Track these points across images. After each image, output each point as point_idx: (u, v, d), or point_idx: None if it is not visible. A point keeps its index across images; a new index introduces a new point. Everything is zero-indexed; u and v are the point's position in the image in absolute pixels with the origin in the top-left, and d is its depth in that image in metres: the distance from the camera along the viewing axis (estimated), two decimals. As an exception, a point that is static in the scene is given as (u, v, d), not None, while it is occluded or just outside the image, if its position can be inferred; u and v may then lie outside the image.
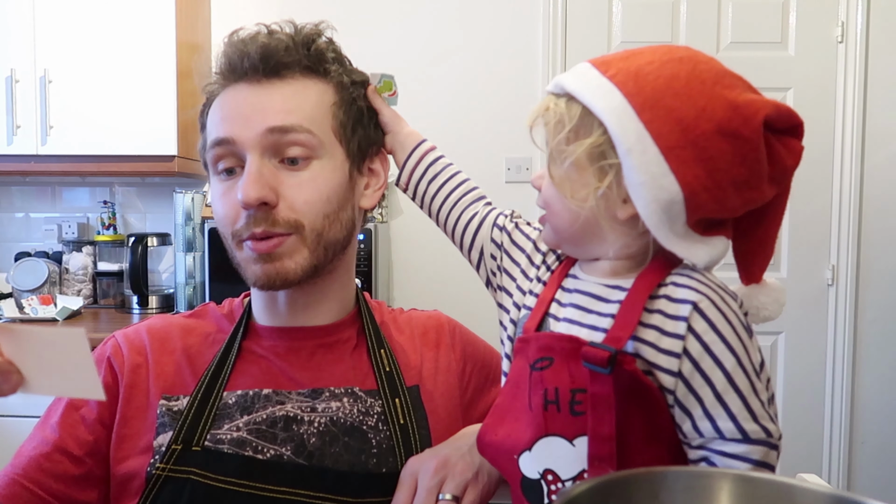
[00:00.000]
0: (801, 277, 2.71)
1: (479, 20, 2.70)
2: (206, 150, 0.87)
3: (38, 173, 2.56)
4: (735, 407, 0.63)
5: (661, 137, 0.62)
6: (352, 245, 0.93)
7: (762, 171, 0.65)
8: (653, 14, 2.68)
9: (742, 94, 0.65)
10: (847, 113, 2.65)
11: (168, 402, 0.85)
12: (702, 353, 0.63)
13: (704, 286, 0.65)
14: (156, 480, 0.79)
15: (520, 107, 2.68)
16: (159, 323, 0.94)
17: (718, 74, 0.65)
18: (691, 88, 0.63)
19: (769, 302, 0.71)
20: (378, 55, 2.73)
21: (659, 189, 0.63)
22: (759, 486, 0.58)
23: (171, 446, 0.80)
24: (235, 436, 0.82)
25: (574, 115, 0.67)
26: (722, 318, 0.64)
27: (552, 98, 0.71)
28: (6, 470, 0.83)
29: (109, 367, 0.88)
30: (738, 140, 0.63)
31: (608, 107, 0.64)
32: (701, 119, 0.62)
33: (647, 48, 0.69)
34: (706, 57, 0.67)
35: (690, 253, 0.66)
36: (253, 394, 0.85)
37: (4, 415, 2.17)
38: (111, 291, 2.74)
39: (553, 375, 0.67)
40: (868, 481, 2.70)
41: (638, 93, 0.63)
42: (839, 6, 2.64)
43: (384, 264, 2.60)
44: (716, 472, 0.61)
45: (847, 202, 2.67)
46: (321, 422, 0.84)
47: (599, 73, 0.67)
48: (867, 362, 2.71)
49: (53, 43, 2.41)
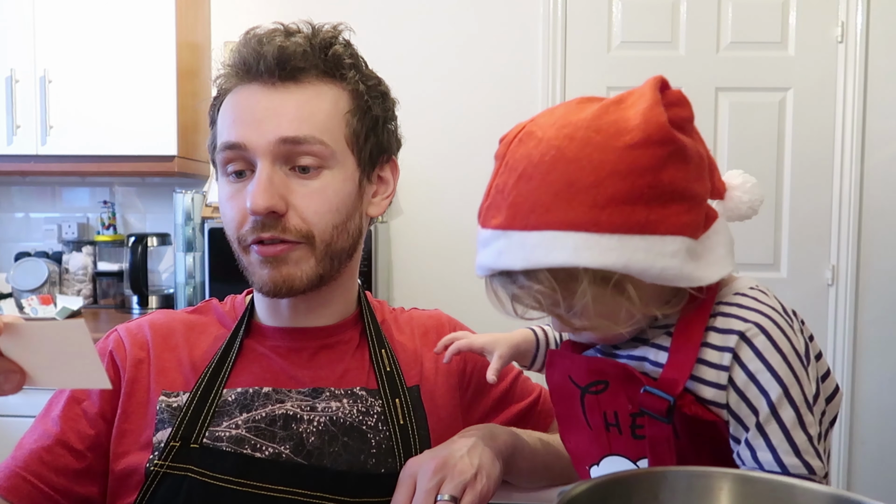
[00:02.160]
0: (801, 277, 2.70)
1: (479, 20, 2.70)
2: (217, 151, 0.86)
3: (38, 173, 2.56)
4: (776, 439, 0.61)
5: (625, 226, 0.58)
6: (357, 251, 0.93)
7: (692, 154, 0.62)
8: (653, 14, 2.68)
9: (612, 120, 0.60)
10: (847, 113, 2.65)
11: (168, 398, 0.85)
12: (747, 382, 0.62)
13: (754, 313, 0.63)
14: (154, 477, 0.80)
15: (520, 107, 2.67)
16: (162, 318, 0.94)
17: (583, 139, 0.59)
18: (585, 172, 0.58)
19: (739, 196, 0.68)
20: (378, 55, 2.72)
21: (659, 255, 0.59)
22: (759, 485, 0.58)
23: (170, 443, 0.81)
24: (234, 433, 0.82)
25: (552, 281, 0.61)
26: (770, 347, 0.61)
27: (510, 286, 0.64)
28: (7, 462, 0.83)
29: (112, 361, 0.88)
30: (657, 152, 0.59)
31: (565, 252, 0.59)
32: (621, 179, 0.58)
33: (508, 168, 0.63)
34: (554, 133, 0.61)
35: (714, 271, 0.63)
36: (253, 392, 0.85)
37: (4, 415, 2.17)
38: (111, 291, 2.74)
39: (610, 399, 0.66)
40: (868, 481, 2.70)
41: (574, 216, 0.58)
42: (839, 6, 2.64)
43: (384, 264, 2.60)
44: (716, 471, 0.61)
45: (847, 202, 2.67)
46: (321, 421, 0.85)
47: (521, 231, 0.60)
48: (867, 362, 2.70)
49: (53, 43, 2.41)
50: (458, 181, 2.67)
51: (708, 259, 0.62)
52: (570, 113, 0.62)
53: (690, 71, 2.66)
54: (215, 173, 0.91)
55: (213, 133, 0.89)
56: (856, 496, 0.54)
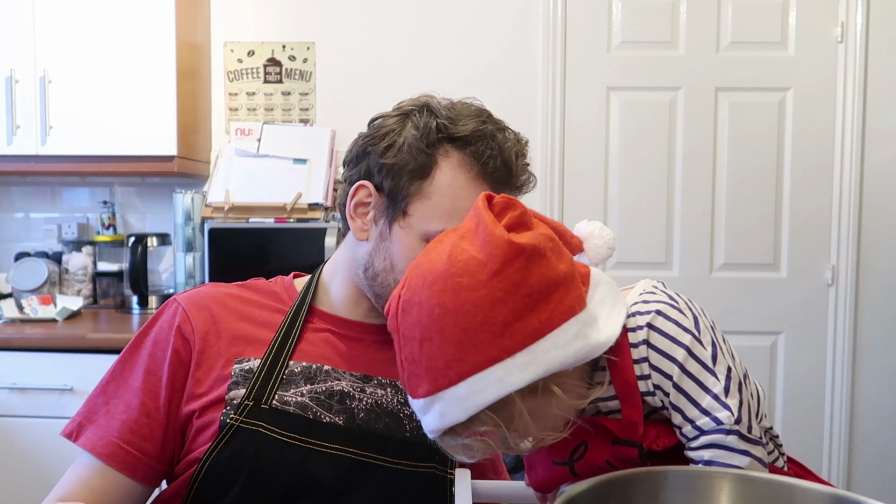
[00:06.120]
0: (801, 277, 2.70)
1: (479, 20, 2.70)
2: (436, 231, 0.89)
3: (37, 173, 2.56)
4: (693, 392, 0.66)
5: (528, 338, 0.62)
6: None
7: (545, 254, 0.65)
8: (653, 14, 2.67)
9: (466, 259, 0.64)
10: (847, 113, 2.65)
11: (240, 364, 0.96)
12: (659, 358, 0.67)
13: (650, 304, 0.68)
14: (229, 429, 0.91)
15: (520, 107, 2.68)
16: (218, 291, 1.04)
17: (454, 288, 0.64)
18: (471, 315, 0.62)
19: (596, 244, 0.73)
20: (378, 56, 2.73)
21: (566, 344, 0.63)
22: (758, 485, 0.58)
23: (244, 402, 0.92)
24: (300, 400, 0.94)
25: (493, 417, 0.64)
26: (668, 322, 0.67)
27: (458, 440, 0.67)
28: (98, 431, 0.94)
29: (181, 335, 0.98)
30: (515, 266, 0.63)
31: (494, 387, 0.62)
32: (502, 305, 0.62)
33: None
34: (428, 294, 0.65)
35: (611, 324, 0.67)
36: (315, 367, 0.97)
37: (4, 415, 2.18)
38: (111, 291, 2.74)
39: (594, 457, 0.70)
40: (868, 481, 2.70)
41: (484, 355, 0.62)
42: (839, 6, 2.64)
43: (384, 264, 2.59)
44: (716, 471, 0.61)
45: (847, 202, 2.67)
46: (368, 401, 0.96)
47: (448, 388, 0.64)
48: (867, 362, 2.70)
49: (53, 43, 2.41)
50: (458, 181, 2.66)
51: (603, 315, 0.67)
52: (431, 267, 0.66)
53: (690, 71, 2.66)
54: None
55: (416, 182, 0.94)
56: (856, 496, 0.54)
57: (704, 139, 2.68)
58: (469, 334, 0.62)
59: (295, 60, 2.74)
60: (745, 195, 2.69)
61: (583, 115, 2.70)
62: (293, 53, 2.73)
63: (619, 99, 2.70)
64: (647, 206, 2.70)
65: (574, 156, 2.71)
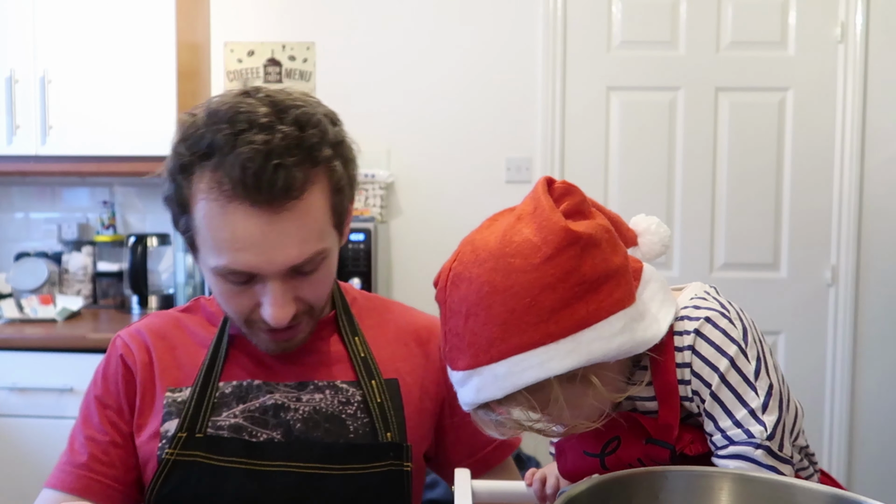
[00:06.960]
0: (801, 277, 2.70)
1: (479, 20, 2.70)
2: (216, 267, 0.85)
3: (37, 173, 2.56)
4: (729, 402, 0.66)
5: (573, 326, 0.62)
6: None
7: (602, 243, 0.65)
8: (653, 14, 2.67)
9: (521, 241, 0.64)
10: (847, 113, 2.65)
11: (173, 393, 0.94)
12: (701, 365, 0.66)
13: (701, 310, 0.68)
14: (166, 463, 0.89)
15: (520, 107, 2.68)
16: (157, 321, 1.02)
17: (506, 268, 0.63)
18: (519, 297, 0.62)
19: (650, 239, 0.73)
20: (377, 55, 2.72)
21: (611, 337, 0.63)
22: (758, 485, 0.58)
23: (178, 434, 0.90)
24: (233, 422, 0.91)
25: (529, 399, 0.65)
26: (716, 330, 0.66)
27: (492, 415, 0.68)
28: (68, 469, 0.93)
29: (124, 365, 0.97)
30: (569, 253, 0.62)
31: (534, 370, 0.63)
32: (552, 291, 0.62)
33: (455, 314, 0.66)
34: (479, 270, 0.65)
35: (658, 322, 0.67)
36: (246, 384, 0.94)
37: (4, 415, 2.18)
38: (111, 292, 2.73)
39: (626, 453, 0.70)
40: (868, 481, 2.70)
41: (528, 337, 0.62)
42: (839, 6, 2.64)
43: (384, 264, 2.60)
44: (716, 472, 0.61)
45: (847, 202, 2.67)
46: (305, 410, 0.93)
47: (488, 365, 0.64)
48: (867, 362, 2.70)
49: (53, 43, 2.41)
50: (458, 180, 2.67)
51: (651, 312, 0.67)
52: (485, 244, 0.66)
53: (690, 71, 2.66)
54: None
55: (188, 224, 0.88)
56: (856, 496, 0.54)
57: (704, 139, 2.68)
58: (515, 315, 0.62)
59: (295, 60, 2.74)
60: (745, 195, 2.69)
61: (583, 115, 2.70)
62: (293, 53, 2.73)
63: (619, 99, 2.70)
64: (647, 205, 2.70)
65: (574, 156, 2.71)
